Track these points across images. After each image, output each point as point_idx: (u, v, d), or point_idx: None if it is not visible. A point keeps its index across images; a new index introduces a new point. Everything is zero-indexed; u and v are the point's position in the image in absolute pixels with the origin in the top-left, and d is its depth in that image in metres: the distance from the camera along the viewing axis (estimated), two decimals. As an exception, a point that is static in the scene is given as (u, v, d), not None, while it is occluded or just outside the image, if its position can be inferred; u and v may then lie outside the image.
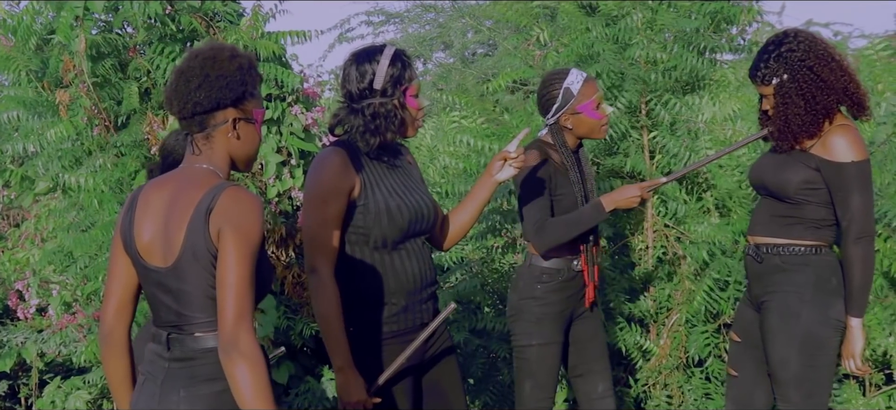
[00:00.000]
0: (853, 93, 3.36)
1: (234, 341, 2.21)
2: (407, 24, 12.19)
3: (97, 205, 4.76)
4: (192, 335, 2.38)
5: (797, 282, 3.37)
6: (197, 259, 2.32)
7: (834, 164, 3.28)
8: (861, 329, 3.34)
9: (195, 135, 2.43)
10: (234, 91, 2.40)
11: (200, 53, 2.42)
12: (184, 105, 2.38)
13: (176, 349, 2.39)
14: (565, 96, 3.61)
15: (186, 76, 2.38)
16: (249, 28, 4.62)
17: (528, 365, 3.66)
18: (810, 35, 3.41)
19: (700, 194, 4.98)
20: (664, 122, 4.84)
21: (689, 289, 4.82)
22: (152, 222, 2.39)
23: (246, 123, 2.45)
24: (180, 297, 2.37)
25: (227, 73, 2.38)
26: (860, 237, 3.26)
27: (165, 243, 2.36)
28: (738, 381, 3.64)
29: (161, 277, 2.38)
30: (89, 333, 5.41)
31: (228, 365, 2.22)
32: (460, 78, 8.42)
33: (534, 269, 3.67)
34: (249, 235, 2.27)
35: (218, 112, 2.40)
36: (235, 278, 2.24)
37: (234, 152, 2.46)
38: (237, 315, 2.22)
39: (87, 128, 4.75)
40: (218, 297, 2.25)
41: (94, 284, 4.88)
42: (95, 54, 4.60)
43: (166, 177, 2.49)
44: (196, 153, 2.44)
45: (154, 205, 2.41)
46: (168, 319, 2.41)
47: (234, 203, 2.29)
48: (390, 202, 3.05)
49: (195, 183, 2.37)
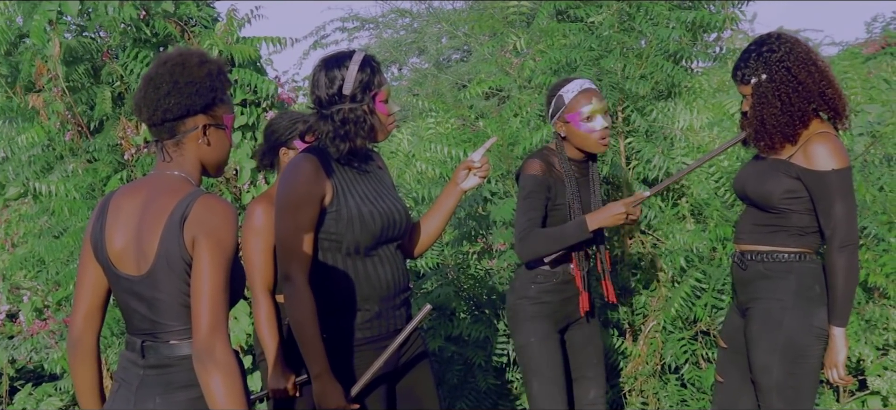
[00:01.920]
0: (831, 98, 3.35)
1: (209, 350, 2.19)
2: (381, 30, 12.17)
3: (68, 213, 4.71)
4: (167, 342, 2.36)
5: (780, 290, 3.37)
6: (171, 267, 2.29)
7: (815, 173, 3.28)
8: (844, 338, 3.33)
9: (165, 142, 2.41)
10: (203, 97, 2.38)
11: (169, 59, 2.39)
12: (153, 112, 2.36)
13: (151, 356, 2.37)
14: (557, 104, 3.61)
15: (155, 83, 2.36)
16: (224, 33, 4.59)
17: (532, 363, 3.65)
18: (793, 39, 3.42)
19: (675, 201, 5.00)
20: (640, 130, 4.86)
21: (666, 296, 4.83)
22: (124, 229, 2.37)
23: (216, 129, 2.43)
24: (154, 305, 2.34)
25: (196, 80, 2.36)
26: (844, 245, 3.26)
27: (138, 251, 2.34)
28: (724, 387, 3.65)
29: (134, 285, 2.36)
30: (61, 339, 5.36)
31: (203, 375, 2.20)
32: (435, 83, 8.42)
33: (528, 271, 3.69)
34: (224, 244, 2.26)
35: (188, 118, 2.38)
36: (210, 287, 2.22)
37: (205, 158, 2.44)
38: (212, 324, 2.20)
39: (60, 134, 4.70)
40: (192, 306, 2.23)
41: (65, 290, 4.83)
42: (69, 59, 4.56)
43: (137, 183, 2.47)
44: (166, 160, 2.41)
45: (126, 212, 2.39)
46: (142, 327, 2.39)
47: (208, 211, 2.28)
48: (362, 208, 3.04)
49: (168, 190, 2.35)
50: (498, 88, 5.43)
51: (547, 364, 3.64)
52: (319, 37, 11.59)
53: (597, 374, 3.80)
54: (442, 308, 5.18)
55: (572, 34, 4.91)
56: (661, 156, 4.78)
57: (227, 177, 4.74)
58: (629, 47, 4.84)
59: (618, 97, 4.83)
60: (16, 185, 5.09)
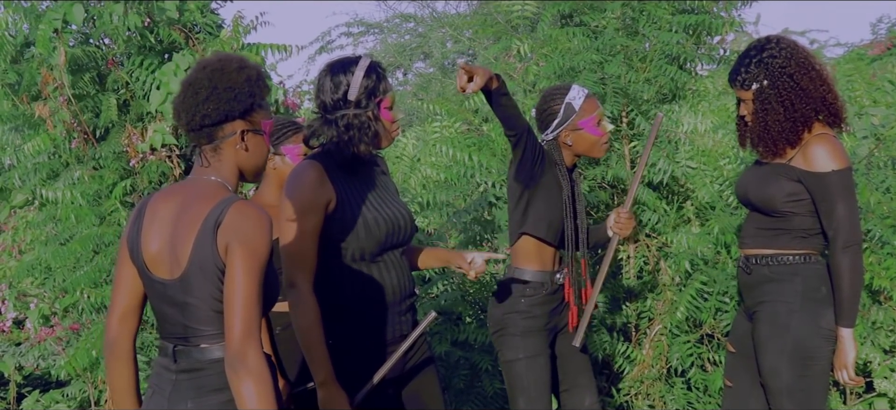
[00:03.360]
0: (831, 103, 3.36)
1: (242, 357, 2.21)
2: (386, 35, 12.19)
3: (75, 220, 4.73)
4: (199, 346, 2.37)
5: (786, 292, 3.36)
6: (204, 273, 2.30)
7: (815, 175, 3.28)
8: (852, 338, 3.32)
9: (203, 147, 2.42)
10: (242, 103, 2.38)
11: (208, 65, 2.40)
12: (192, 117, 2.37)
13: (182, 360, 2.39)
14: (567, 112, 3.55)
15: (194, 88, 2.37)
16: (230, 39, 4.60)
17: (519, 381, 3.58)
18: (792, 43, 3.41)
19: (680, 204, 5.00)
20: (645, 133, 4.86)
21: (671, 300, 4.83)
22: (159, 234, 2.38)
23: (254, 135, 2.44)
24: (187, 310, 2.36)
25: (235, 85, 2.37)
26: (848, 246, 3.25)
27: (172, 256, 2.35)
28: (733, 391, 3.64)
29: (167, 289, 2.37)
30: (67, 346, 5.36)
31: (235, 382, 2.22)
32: (440, 87, 8.42)
33: (517, 282, 3.62)
34: (257, 251, 2.26)
35: (226, 124, 2.39)
36: (243, 294, 2.23)
37: (243, 164, 2.44)
38: (245, 331, 2.22)
39: (66, 141, 4.72)
40: (225, 313, 2.25)
41: (72, 297, 4.84)
42: (74, 67, 4.57)
43: (174, 187, 2.48)
44: (204, 165, 2.42)
45: (161, 217, 2.39)
46: (174, 331, 2.41)
47: (243, 218, 2.28)
48: (367, 214, 3.04)
49: (203, 195, 2.36)
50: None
51: (535, 382, 3.57)
52: (325, 42, 11.63)
53: (589, 381, 3.76)
54: (448, 312, 5.18)
55: (576, 39, 4.91)
56: (666, 160, 4.78)
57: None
58: (633, 51, 4.85)
59: (622, 101, 4.83)
60: (23, 193, 5.10)
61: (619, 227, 3.70)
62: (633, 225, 3.75)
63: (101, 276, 4.70)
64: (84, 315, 4.91)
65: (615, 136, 4.91)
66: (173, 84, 4.48)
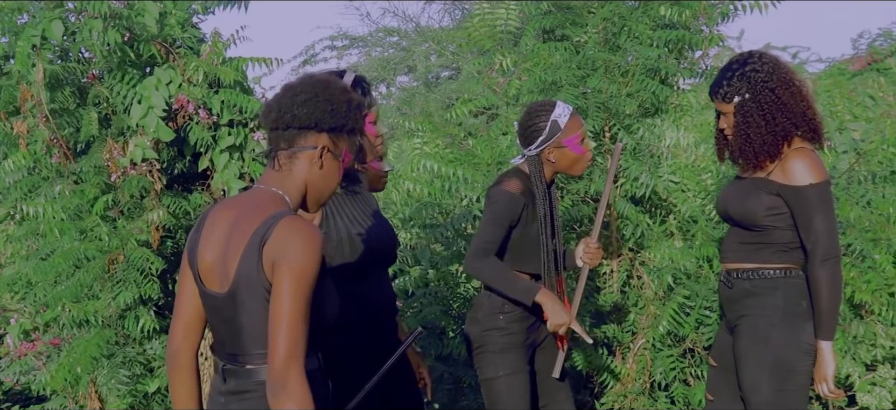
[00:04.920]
0: (811, 118, 3.38)
1: (283, 381, 2.14)
2: (370, 48, 12.19)
3: (57, 235, 4.69)
4: (245, 367, 2.33)
5: (766, 306, 3.37)
6: (249, 290, 2.26)
7: (793, 188, 3.29)
8: (832, 352, 3.34)
9: (280, 152, 2.38)
10: (334, 118, 2.36)
11: (315, 76, 2.41)
12: (282, 114, 2.34)
13: (230, 381, 2.36)
14: (552, 129, 3.54)
15: (295, 90, 2.37)
16: (210, 55, 4.58)
17: (499, 398, 3.56)
18: (774, 58, 3.44)
19: (663, 217, 5.01)
20: (627, 147, 4.87)
21: (654, 314, 4.84)
22: (214, 245, 2.35)
23: (332, 158, 2.40)
24: (233, 326, 2.32)
25: (335, 101, 2.36)
26: (826, 259, 3.27)
27: (223, 269, 2.31)
28: (715, 405, 3.64)
29: (216, 303, 2.34)
30: (48, 361, 5.32)
31: (275, 406, 2.15)
32: (424, 102, 8.42)
33: (494, 300, 3.58)
34: (304, 270, 2.19)
35: (311, 132, 2.36)
36: (288, 316, 2.16)
37: (312, 182, 2.40)
38: (288, 354, 2.15)
39: (46, 157, 4.69)
40: (269, 333, 2.18)
41: (52, 311, 4.80)
42: (54, 83, 4.54)
43: (236, 197, 2.46)
44: (275, 168, 2.39)
45: (218, 227, 2.36)
46: (223, 349, 2.38)
47: (289, 235, 2.21)
48: (351, 230, 3.04)
49: (257, 207, 2.31)
50: (487, 106, 5.44)
51: (517, 401, 3.56)
52: (309, 55, 11.62)
53: (567, 396, 3.77)
54: (431, 327, 5.17)
55: (558, 53, 4.93)
56: (649, 174, 4.79)
57: (214, 197, 4.73)
58: (615, 65, 4.86)
59: (604, 116, 4.84)
60: (4, 207, 5.07)
61: (588, 258, 3.70)
62: (602, 255, 3.76)
63: (83, 291, 4.67)
64: (65, 330, 4.88)
65: (597, 150, 4.92)
66: (155, 98, 4.46)
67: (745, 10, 4.98)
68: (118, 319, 4.69)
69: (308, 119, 2.34)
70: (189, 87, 4.52)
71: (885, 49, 10.61)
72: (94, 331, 4.71)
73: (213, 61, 4.56)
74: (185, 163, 4.81)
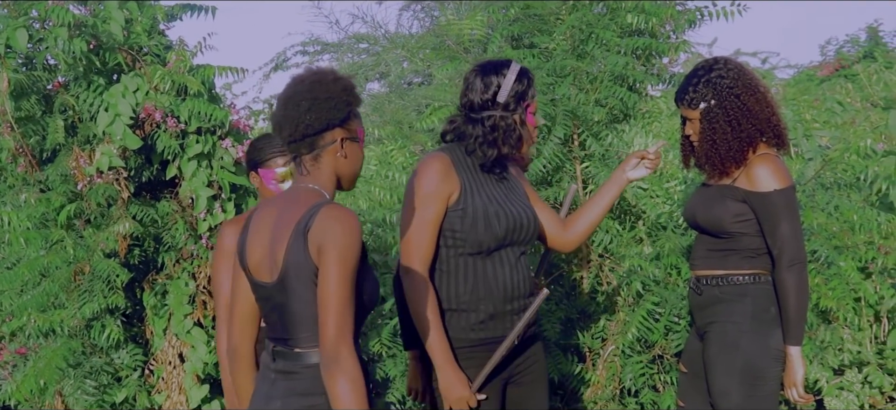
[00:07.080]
0: (775, 125, 3.41)
1: (335, 357, 2.28)
2: (342, 54, 12.15)
3: (23, 244, 4.66)
4: (293, 350, 2.47)
5: (735, 313, 3.39)
6: (298, 276, 2.40)
7: (759, 194, 3.31)
8: (801, 357, 3.36)
9: (303, 157, 2.53)
10: (341, 111, 2.49)
11: (305, 78, 2.51)
12: (295, 128, 2.47)
13: (279, 362, 2.50)
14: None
15: (294, 101, 2.48)
16: (176, 63, 4.56)
17: None
18: (739, 64, 3.47)
19: (632, 224, 5.02)
20: (596, 154, 4.89)
21: (624, 320, 4.85)
22: (261, 241, 2.52)
23: (352, 142, 2.56)
24: (284, 312, 2.46)
25: (333, 95, 2.48)
26: (793, 264, 3.29)
27: (271, 260, 2.47)
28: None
29: (268, 292, 2.49)
30: (14, 370, 5.27)
31: (329, 381, 2.29)
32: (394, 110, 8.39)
33: None
34: (347, 253, 2.33)
35: (327, 132, 2.50)
36: (336, 297, 2.31)
37: (341, 171, 2.56)
38: (337, 332, 2.29)
39: (12, 165, 4.65)
40: (319, 314, 2.32)
41: (18, 321, 4.75)
42: (18, 91, 4.51)
43: (276, 197, 2.60)
44: (304, 173, 2.53)
45: (263, 224, 2.54)
46: (274, 333, 2.53)
47: (331, 221, 2.35)
48: (489, 208, 3.08)
49: (297, 201, 2.46)
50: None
51: None
52: (281, 61, 11.56)
53: None
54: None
55: (526, 60, 4.93)
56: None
57: (182, 205, 4.71)
58: (583, 72, 4.87)
59: (573, 122, 4.85)
60: (-31, 217, 5.02)
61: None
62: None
63: (49, 300, 4.63)
64: (31, 339, 4.83)
65: (567, 157, 4.94)
66: (122, 106, 4.43)
67: (712, 15, 5.00)
68: (85, 329, 4.66)
69: (319, 123, 2.47)
70: (156, 95, 4.50)
71: (852, 55, 10.72)
72: (61, 341, 4.68)
73: (180, 70, 4.53)
74: (153, 170, 4.78)
